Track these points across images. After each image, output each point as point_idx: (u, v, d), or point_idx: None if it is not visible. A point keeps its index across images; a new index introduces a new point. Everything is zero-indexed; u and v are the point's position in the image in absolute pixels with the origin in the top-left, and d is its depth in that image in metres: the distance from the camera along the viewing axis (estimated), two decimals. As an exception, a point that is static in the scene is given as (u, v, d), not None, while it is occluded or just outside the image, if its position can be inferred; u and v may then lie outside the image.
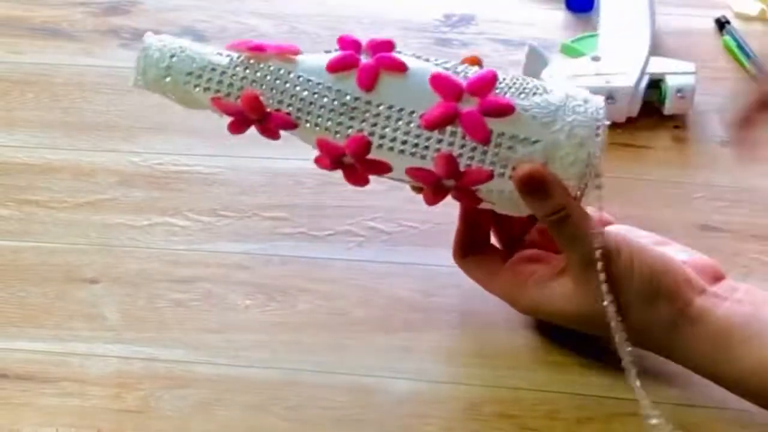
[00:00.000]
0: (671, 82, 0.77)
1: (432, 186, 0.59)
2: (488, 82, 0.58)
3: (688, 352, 0.58)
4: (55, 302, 0.67)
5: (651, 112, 0.78)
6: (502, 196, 0.59)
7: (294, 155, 0.72)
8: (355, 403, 0.61)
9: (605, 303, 0.57)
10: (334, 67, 0.58)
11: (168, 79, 0.59)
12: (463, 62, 0.60)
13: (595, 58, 0.78)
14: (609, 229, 0.59)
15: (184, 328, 0.65)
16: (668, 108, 0.77)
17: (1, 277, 0.68)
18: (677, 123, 0.78)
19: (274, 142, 0.61)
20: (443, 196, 0.60)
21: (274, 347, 0.64)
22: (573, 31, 0.86)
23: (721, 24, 0.87)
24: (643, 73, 0.77)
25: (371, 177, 0.60)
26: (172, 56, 0.59)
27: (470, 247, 0.64)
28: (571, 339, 0.63)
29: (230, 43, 0.60)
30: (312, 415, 0.60)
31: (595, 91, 0.65)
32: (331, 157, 0.59)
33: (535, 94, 0.58)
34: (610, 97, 0.74)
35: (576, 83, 0.73)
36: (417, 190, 0.61)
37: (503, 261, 0.63)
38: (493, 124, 0.57)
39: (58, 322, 0.65)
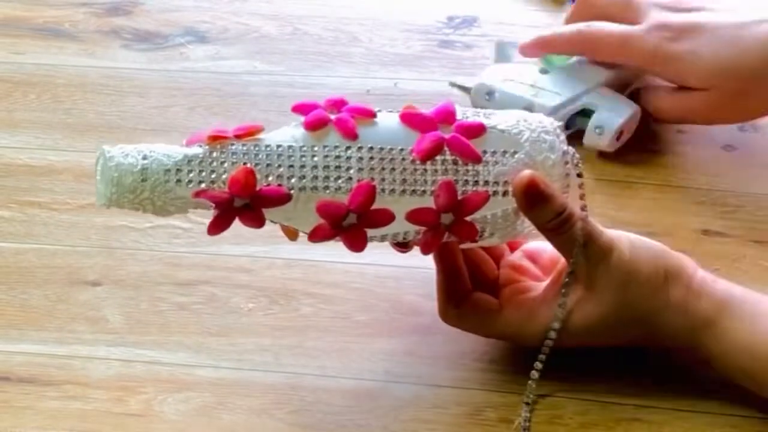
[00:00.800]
0: (596, 116, 0.75)
1: (432, 226, 0.58)
2: (450, 111, 0.59)
3: (693, 332, 0.58)
4: (57, 305, 0.66)
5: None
6: (497, 219, 0.59)
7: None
8: (358, 408, 0.61)
9: None
10: (311, 125, 0.57)
11: (146, 183, 0.56)
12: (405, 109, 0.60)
13: (543, 71, 0.78)
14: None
15: (187, 331, 0.65)
16: (585, 140, 0.75)
17: (3, 279, 0.68)
18: (681, 128, 0.78)
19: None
20: (441, 238, 0.59)
21: (276, 351, 0.64)
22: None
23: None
24: (573, 100, 0.76)
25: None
26: (144, 158, 0.56)
27: (456, 297, 0.62)
28: (575, 344, 0.63)
29: (188, 138, 0.57)
30: (315, 419, 0.60)
31: (516, 99, 0.74)
32: (333, 221, 0.57)
33: (491, 115, 0.60)
34: (527, 109, 0.72)
35: (505, 86, 0.77)
36: (401, 247, 0.61)
37: (495, 302, 0.62)
38: (474, 144, 0.58)
39: (60, 324, 0.65)
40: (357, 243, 0.58)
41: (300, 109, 0.59)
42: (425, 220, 0.58)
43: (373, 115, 0.58)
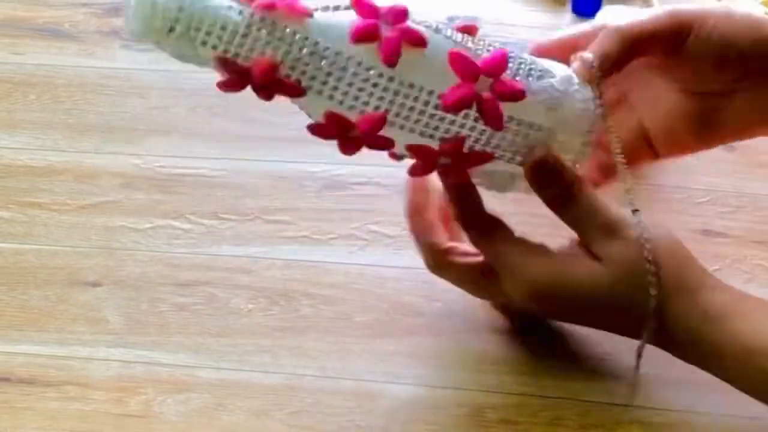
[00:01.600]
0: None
1: (428, 163, 0.58)
2: (501, 63, 0.57)
3: (701, 321, 0.57)
4: (57, 305, 0.66)
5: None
6: (493, 176, 0.59)
7: (297, 158, 0.72)
8: (358, 409, 0.61)
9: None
10: (357, 37, 0.55)
11: (173, 33, 0.54)
12: (460, 30, 0.59)
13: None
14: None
15: (187, 332, 0.65)
16: None
17: (3, 280, 0.68)
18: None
19: (278, 146, 0.61)
20: (432, 171, 0.59)
21: (276, 352, 0.64)
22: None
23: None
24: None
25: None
26: (180, 8, 0.54)
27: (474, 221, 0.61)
28: (575, 345, 0.63)
29: None
30: (314, 420, 0.60)
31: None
32: (338, 129, 0.56)
33: (541, 77, 0.58)
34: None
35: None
36: (395, 158, 0.59)
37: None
38: (504, 108, 0.57)
39: (60, 325, 0.65)
40: (351, 150, 0.57)
41: (359, 7, 0.56)
42: (423, 157, 0.58)
43: (424, 44, 0.56)
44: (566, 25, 0.89)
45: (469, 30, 0.59)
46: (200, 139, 0.78)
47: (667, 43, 0.61)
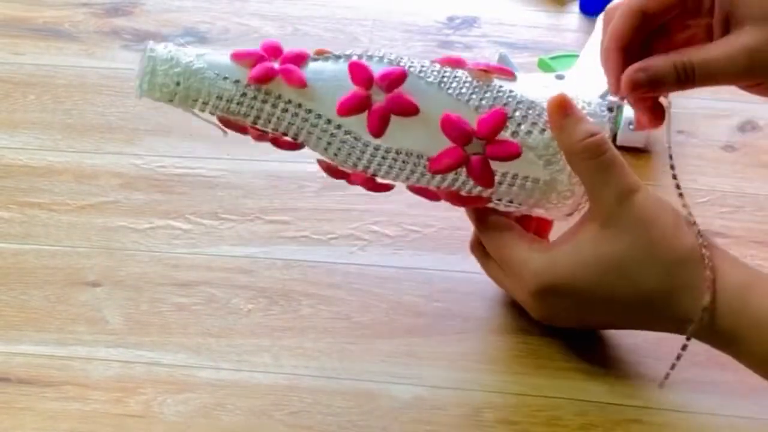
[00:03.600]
0: (626, 112, 0.74)
1: (432, 197, 0.61)
2: (498, 125, 0.58)
3: (720, 290, 0.56)
4: (56, 305, 0.66)
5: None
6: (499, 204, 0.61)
7: (297, 158, 0.72)
8: (358, 409, 0.60)
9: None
10: (344, 111, 0.58)
11: (174, 102, 0.59)
12: (477, 75, 0.59)
13: (559, 77, 0.77)
14: None
15: (186, 332, 0.65)
16: (620, 139, 0.75)
17: (2, 280, 0.68)
18: (681, 128, 0.78)
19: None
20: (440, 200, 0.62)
21: (276, 352, 0.64)
22: (580, 35, 0.86)
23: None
24: (602, 97, 0.75)
25: None
26: (177, 83, 0.58)
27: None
28: (574, 344, 0.63)
29: (237, 52, 0.59)
30: (314, 420, 0.60)
31: None
32: (337, 175, 0.61)
33: (544, 130, 0.58)
34: None
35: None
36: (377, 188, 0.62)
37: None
38: (498, 165, 0.58)
39: (60, 325, 0.65)
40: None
41: (352, 73, 0.58)
42: (425, 194, 0.61)
43: (415, 111, 0.57)
44: (565, 24, 0.89)
45: (485, 74, 0.59)
46: (200, 139, 0.78)
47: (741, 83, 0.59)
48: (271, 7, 0.91)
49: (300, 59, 0.59)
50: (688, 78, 0.58)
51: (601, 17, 0.79)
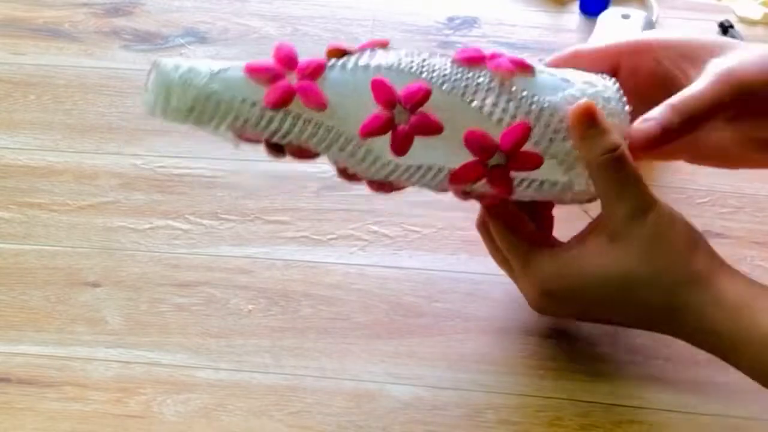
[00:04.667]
0: None
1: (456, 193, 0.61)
2: (522, 137, 0.57)
3: (713, 311, 0.56)
4: (56, 306, 0.66)
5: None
6: (541, 188, 0.60)
7: (297, 159, 0.72)
8: (358, 409, 0.60)
9: None
10: (366, 133, 0.56)
11: (188, 123, 0.56)
12: (501, 75, 0.57)
13: (625, 16, 0.77)
14: None
15: (186, 332, 0.65)
16: None
17: (2, 281, 0.68)
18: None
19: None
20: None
21: (276, 352, 0.64)
22: (581, 35, 0.86)
23: (725, 28, 0.87)
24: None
25: None
26: (191, 108, 0.55)
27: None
28: (575, 345, 0.63)
29: (251, 66, 0.56)
30: (314, 420, 0.60)
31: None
32: (349, 179, 0.59)
33: (566, 137, 0.58)
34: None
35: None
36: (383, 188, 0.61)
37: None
38: (518, 172, 0.58)
39: (60, 325, 0.65)
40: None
41: (375, 92, 0.56)
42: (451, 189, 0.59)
43: (439, 130, 0.57)
44: (565, 24, 0.89)
45: (515, 69, 0.58)
46: (200, 139, 0.77)
47: (728, 110, 0.58)
48: (271, 7, 0.91)
49: (317, 72, 0.57)
50: (690, 121, 0.57)
51: (601, 17, 0.79)
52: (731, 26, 0.87)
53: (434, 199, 0.63)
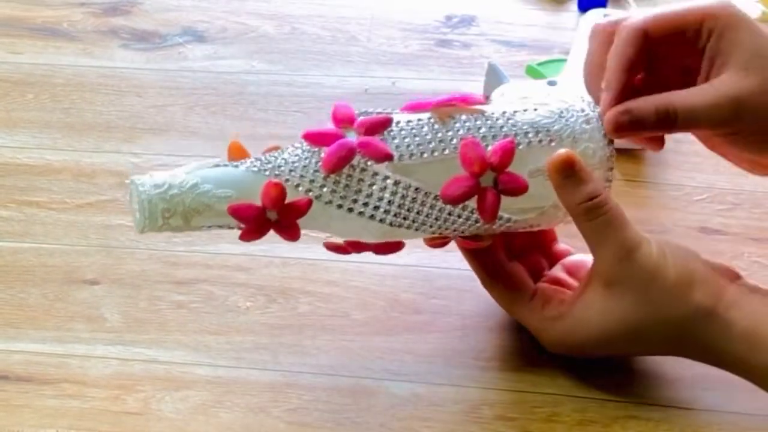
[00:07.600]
0: None
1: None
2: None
3: (724, 343, 0.57)
4: (55, 303, 0.67)
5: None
6: (538, 212, 0.61)
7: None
8: (356, 406, 0.61)
9: None
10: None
11: (169, 228, 0.57)
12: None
13: (551, 83, 0.76)
14: None
15: (185, 329, 0.65)
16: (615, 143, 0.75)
17: (1, 278, 0.68)
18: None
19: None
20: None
21: (274, 349, 0.64)
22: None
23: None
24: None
25: None
26: (166, 220, 0.56)
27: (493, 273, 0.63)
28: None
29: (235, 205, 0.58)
30: (312, 417, 0.60)
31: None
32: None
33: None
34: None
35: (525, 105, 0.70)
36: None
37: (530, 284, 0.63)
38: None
39: (58, 323, 0.65)
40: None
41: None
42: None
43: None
44: (565, 24, 0.89)
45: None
46: (198, 137, 0.78)
47: (724, 128, 0.59)
48: (269, 6, 0.91)
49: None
50: (669, 122, 0.57)
51: (583, 19, 0.79)
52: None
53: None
